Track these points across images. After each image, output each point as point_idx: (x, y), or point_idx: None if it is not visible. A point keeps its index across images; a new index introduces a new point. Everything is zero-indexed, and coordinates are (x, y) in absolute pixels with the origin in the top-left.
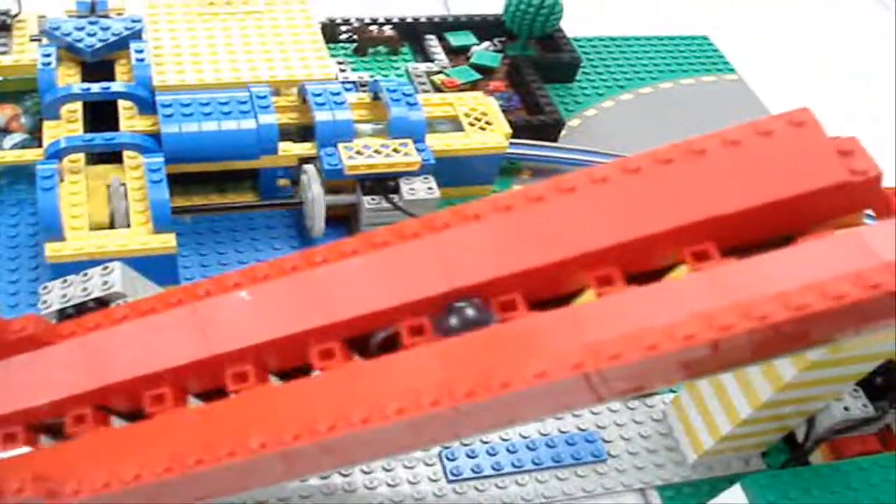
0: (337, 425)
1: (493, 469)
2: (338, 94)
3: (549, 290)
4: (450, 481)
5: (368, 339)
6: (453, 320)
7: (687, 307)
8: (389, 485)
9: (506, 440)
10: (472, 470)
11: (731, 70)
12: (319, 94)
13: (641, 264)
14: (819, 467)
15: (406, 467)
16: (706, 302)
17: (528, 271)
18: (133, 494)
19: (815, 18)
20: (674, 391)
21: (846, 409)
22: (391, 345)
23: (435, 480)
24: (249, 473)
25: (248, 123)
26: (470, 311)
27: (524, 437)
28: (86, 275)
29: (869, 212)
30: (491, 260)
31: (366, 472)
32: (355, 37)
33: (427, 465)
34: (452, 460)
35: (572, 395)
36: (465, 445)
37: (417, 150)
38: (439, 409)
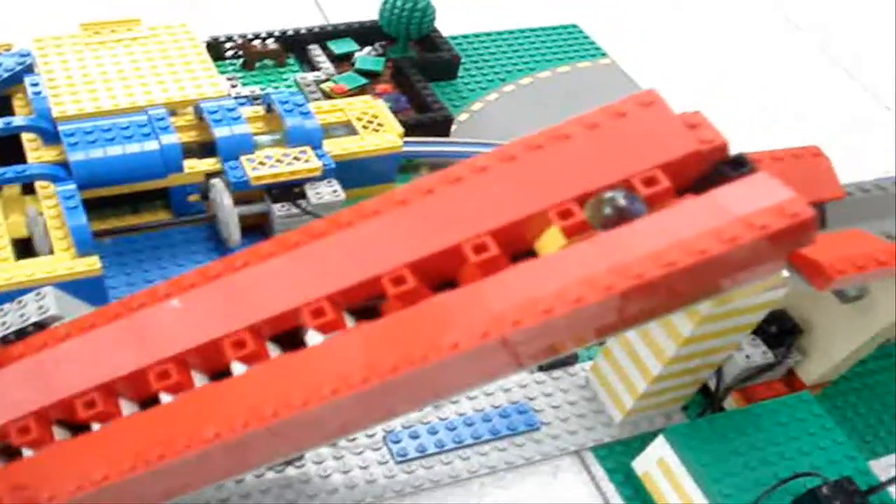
0: (279, 411)
1: (437, 447)
2: (233, 109)
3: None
4: (397, 462)
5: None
6: (607, 210)
7: (574, 274)
8: (342, 472)
9: (444, 419)
10: (417, 450)
11: (604, 55)
12: (215, 112)
13: (521, 243)
14: (732, 412)
15: (355, 454)
16: (590, 267)
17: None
18: (104, 494)
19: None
20: (591, 359)
21: (748, 357)
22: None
23: (384, 463)
24: (206, 464)
25: (151, 145)
26: (622, 200)
27: (461, 415)
28: (20, 302)
29: None
30: (396, 248)
31: (317, 463)
32: (241, 52)
33: (374, 450)
34: (397, 442)
35: (489, 360)
36: (407, 428)
37: (317, 156)
38: (369, 386)
